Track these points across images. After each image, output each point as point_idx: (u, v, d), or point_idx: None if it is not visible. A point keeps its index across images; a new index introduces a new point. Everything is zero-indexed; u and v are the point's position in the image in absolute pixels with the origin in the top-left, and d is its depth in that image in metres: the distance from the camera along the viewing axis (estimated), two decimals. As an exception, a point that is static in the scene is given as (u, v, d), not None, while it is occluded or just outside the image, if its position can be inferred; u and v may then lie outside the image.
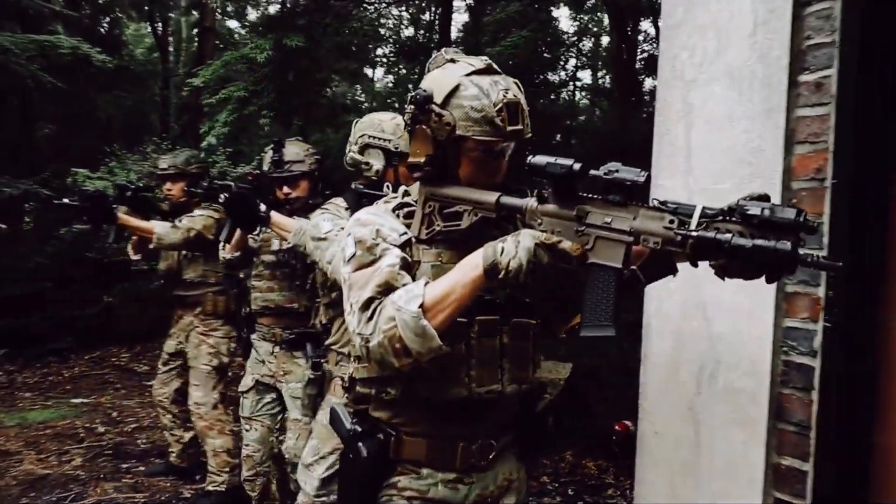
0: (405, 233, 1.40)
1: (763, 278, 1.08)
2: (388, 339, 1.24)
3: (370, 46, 13.56)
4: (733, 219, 1.08)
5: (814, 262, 1.01)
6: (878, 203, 1.52)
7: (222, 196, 2.84)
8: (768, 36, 1.65)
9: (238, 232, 2.82)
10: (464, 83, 1.34)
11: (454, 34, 12.34)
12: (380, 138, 2.26)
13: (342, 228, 2.14)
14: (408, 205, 1.46)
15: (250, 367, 3.07)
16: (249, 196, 2.69)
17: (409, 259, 1.37)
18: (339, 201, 2.34)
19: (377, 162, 2.25)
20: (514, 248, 1.19)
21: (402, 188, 1.53)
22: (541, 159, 1.24)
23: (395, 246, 1.35)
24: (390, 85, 14.92)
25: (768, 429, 1.64)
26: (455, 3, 11.09)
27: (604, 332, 1.18)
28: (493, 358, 1.40)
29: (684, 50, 1.83)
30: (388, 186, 2.21)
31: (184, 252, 3.67)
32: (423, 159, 1.39)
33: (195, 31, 12.19)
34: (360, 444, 1.43)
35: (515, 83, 1.39)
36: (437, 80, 1.38)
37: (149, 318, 7.42)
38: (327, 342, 2.48)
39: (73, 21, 9.69)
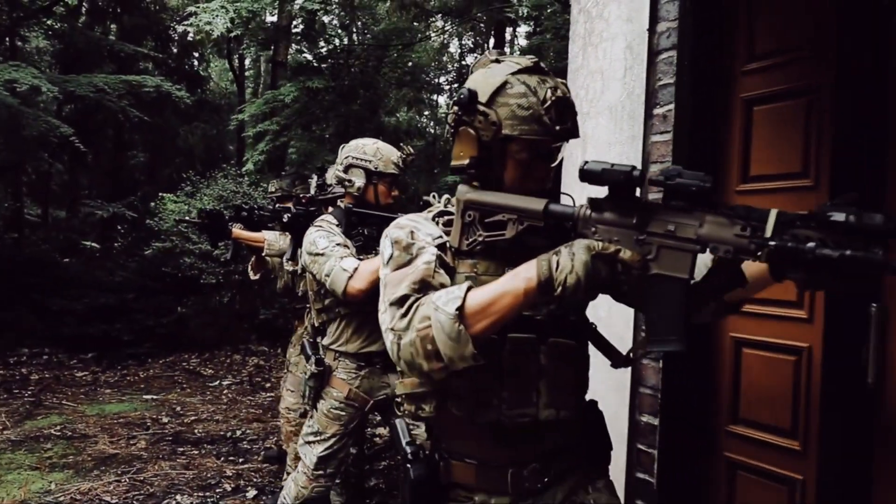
0: (440, 236, 1.36)
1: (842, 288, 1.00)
2: (420, 338, 1.19)
3: (433, 73, 14.35)
4: (811, 224, 1.01)
5: None
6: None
7: (285, 216, 3.39)
8: (633, 78, 2.11)
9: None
10: (510, 81, 1.28)
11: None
12: (362, 159, 2.70)
13: (338, 244, 2.57)
14: (448, 213, 1.44)
15: None
16: (305, 216, 3.21)
17: (446, 259, 1.33)
18: (330, 218, 2.75)
19: (359, 179, 2.69)
20: (570, 261, 1.12)
21: (445, 197, 1.55)
22: (595, 165, 1.16)
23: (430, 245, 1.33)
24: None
25: (632, 392, 2.06)
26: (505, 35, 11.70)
27: (672, 347, 1.12)
28: (526, 380, 1.32)
29: (582, 89, 2.31)
30: (434, 196, 2.46)
31: (294, 268, 3.86)
32: (466, 161, 1.33)
33: (270, 65, 13.33)
34: (409, 466, 1.41)
35: (563, 83, 1.33)
36: (482, 79, 1.32)
37: (217, 328, 8.31)
38: (324, 342, 2.84)
39: (161, 61, 10.95)
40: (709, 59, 1.96)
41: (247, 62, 14.38)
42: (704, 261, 1.27)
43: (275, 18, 10.62)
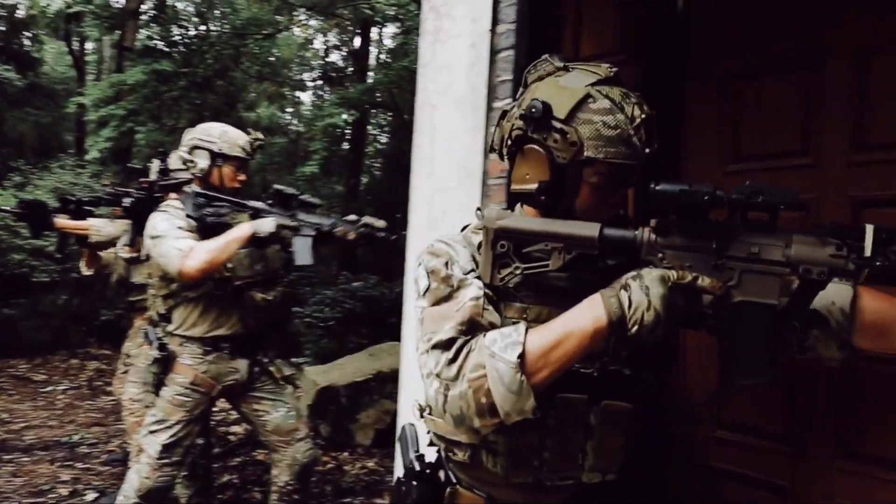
0: (472, 270, 1.21)
1: None
2: (473, 390, 1.07)
3: (297, 69, 14.17)
4: None
5: None
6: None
7: (126, 201, 3.29)
8: (476, 74, 2.33)
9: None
10: (593, 94, 1.13)
11: (374, 61, 13.08)
12: (206, 140, 2.74)
13: (179, 227, 2.59)
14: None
15: None
16: (146, 201, 3.15)
17: (491, 295, 1.19)
18: (177, 203, 2.77)
19: (202, 161, 2.72)
20: (644, 295, 1.02)
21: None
22: (671, 187, 1.05)
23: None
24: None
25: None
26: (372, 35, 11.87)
27: (761, 378, 1.05)
28: (573, 442, 1.20)
29: (431, 83, 2.51)
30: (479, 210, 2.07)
31: (132, 255, 3.69)
32: (534, 186, 1.17)
33: (115, 50, 12.56)
34: (414, 482, 1.33)
35: (641, 97, 1.19)
36: (557, 90, 1.16)
37: (50, 331, 7.74)
38: (169, 328, 2.81)
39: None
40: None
41: (89, 46, 13.43)
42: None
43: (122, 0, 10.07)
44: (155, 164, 3.31)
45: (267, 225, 2.56)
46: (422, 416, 1.26)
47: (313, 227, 2.63)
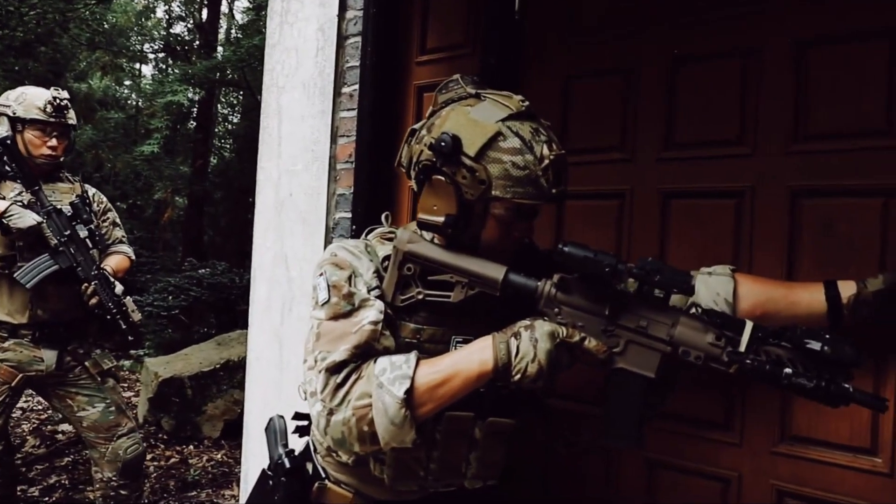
0: (377, 287, 1.25)
1: None
2: (357, 418, 1.12)
3: (136, 39, 13.25)
4: (783, 343, 1.06)
5: (864, 400, 1.03)
6: (385, 177, 2.27)
7: None
8: (324, 58, 2.36)
9: None
10: (503, 132, 1.16)
11: (223, 34, 12.54)
12: (3, 105, 2.60)
13: None
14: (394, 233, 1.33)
15: None
16: None
17: (391, 316, 1.23)
18: None
19: (2, 128, 2.58)
20: (532, 348, 1.10)
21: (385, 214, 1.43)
22: (578, 252, 1.11)
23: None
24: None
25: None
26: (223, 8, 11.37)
27: (627, 443, 1.14)
28: (457, 454, 1.26)
29: (278, 64, 2.50)
30: (386, 217, 1.45)
31: None
32: (441, 219, 1.21)
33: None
34: (283, 479, 1.35)
35: (550, 127, 1.24)
36: (467, 123, 1.18)
37: None
38: None
39: None
40: (388, 48, 2.29)
41: None
42: (718, 289, 1.28)
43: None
44: None
45: (23, 219, 2.42)
46: (306, 399, 1.24)
47: (67, 262, 2.50)
